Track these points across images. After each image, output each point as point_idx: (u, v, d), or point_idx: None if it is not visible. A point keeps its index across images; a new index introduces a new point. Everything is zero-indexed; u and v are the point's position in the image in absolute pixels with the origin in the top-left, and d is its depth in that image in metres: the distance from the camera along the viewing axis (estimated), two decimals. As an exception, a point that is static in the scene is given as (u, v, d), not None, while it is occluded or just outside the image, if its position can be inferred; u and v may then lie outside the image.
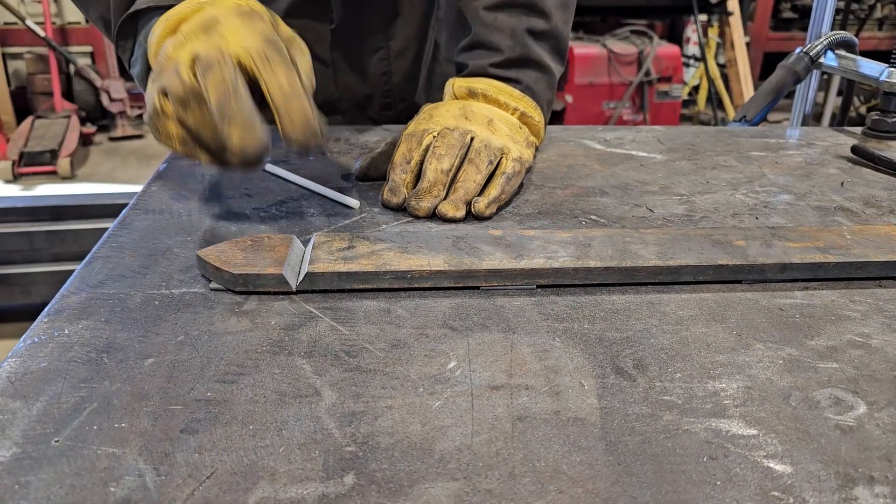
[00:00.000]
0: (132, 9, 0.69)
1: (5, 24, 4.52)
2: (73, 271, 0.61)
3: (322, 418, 0.43)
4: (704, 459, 0.41)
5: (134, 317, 0.53)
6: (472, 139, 0.73)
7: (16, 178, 3.81)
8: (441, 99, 0.86)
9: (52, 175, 3.87)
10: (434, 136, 0.74)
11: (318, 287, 0.57)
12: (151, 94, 0.60)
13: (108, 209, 2.47)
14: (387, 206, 0.73)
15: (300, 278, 0.56)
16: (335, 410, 0.44)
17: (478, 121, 0.76)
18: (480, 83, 0.82)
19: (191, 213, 0.70)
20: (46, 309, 0.54)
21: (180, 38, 0.60)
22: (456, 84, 0.84)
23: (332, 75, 1.02)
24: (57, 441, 0.41)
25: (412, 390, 0.46)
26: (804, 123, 1.28)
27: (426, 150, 0.73)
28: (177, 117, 0.59)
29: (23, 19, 4.27)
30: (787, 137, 1.04)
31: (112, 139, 4.51)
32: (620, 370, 0.48)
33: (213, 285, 0.57)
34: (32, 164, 3.85)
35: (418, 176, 0.73)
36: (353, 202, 0.73)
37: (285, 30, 0.65)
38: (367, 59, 1.02)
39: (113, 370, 0.47)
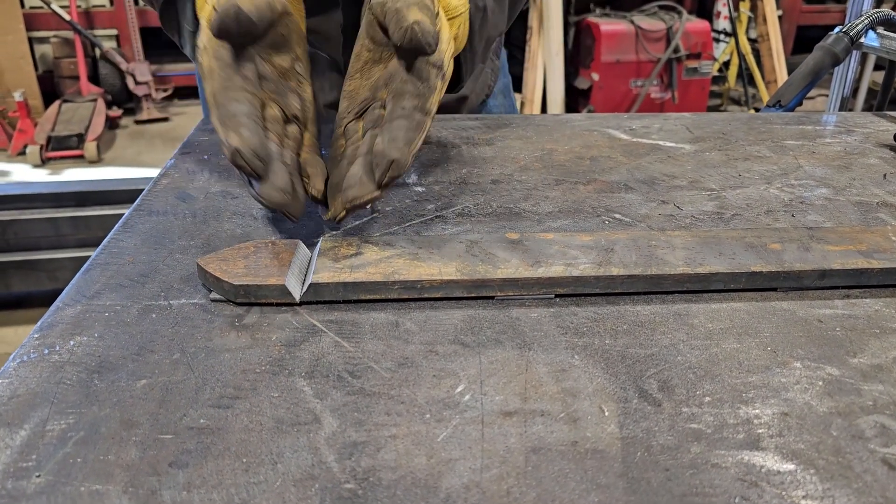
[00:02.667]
0: None
1: (32, 8, 4.54)
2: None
3: (321, 449, 0.40)
4: (736, 500, 0.37)
5: (129, 332, 0.50)
6: None
7: (44, 162, 3.84)
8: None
9: (80, 159, 3.89)
10: None
11: (322, 298, 0.54)
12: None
13: (132, 194, 2.48)
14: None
15: (304, 289, 0.53)
16: (335, 440, 0.41)
17: None
18: None
19: (195, 214, 0.68)
20: (39, 323, 0.51)
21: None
22: None
23: (340, 79, 0.98)
24: (38, 476, 0.38)
25: (418, 417, 0.43)
26: (843, 108, 1.22)
27: None
28: None
29: (48, 3, 4.28)
30: (825, 124, 0.99)
31: (138, 122, 4.53)
32: (644, 393, 0.45)
33: (214, 296, 0.54)
34: (60, 148, 3.88)
35: None
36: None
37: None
38: None
39: (103, 393, 0.44)
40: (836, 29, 1.13)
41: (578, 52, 4.23)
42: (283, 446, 0.40)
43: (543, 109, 4.01)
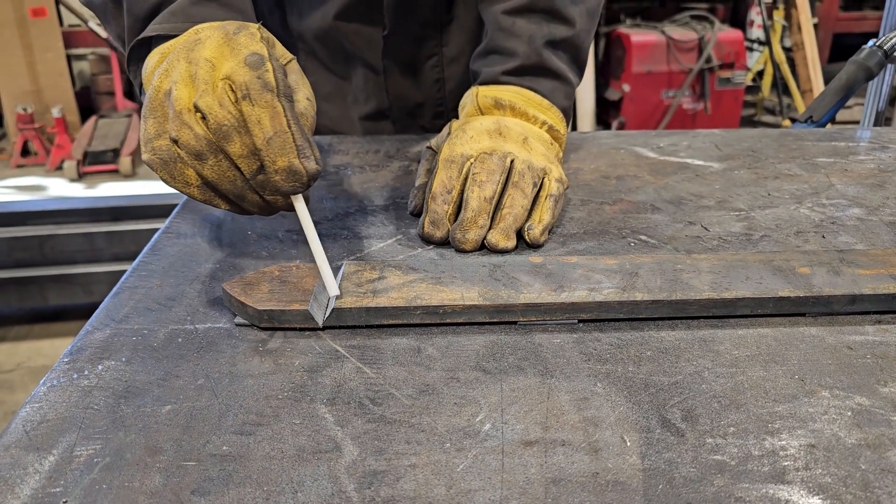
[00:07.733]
0: (143, 34, 0.63)
1: (70, 26, 4.65)
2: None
3: (341, 478, 0.40)
4: (760, 537, 0.36)
5: (156, 356, 0.51)
6: (512, 161, 0.69)
7: (80, 177, 3.92)
8: None
9: (115, 174, 3.97)
10: (472, 162, 0.69)
11: (345, 323, 0.54)
12: (158, 142, 0.56)
13: (165, 210, 2.52)
14: (428, 241, 0.67)
15: (327, 314, 0.54)
16: (355, 469, 0.41)
17: (513, 139, 0.71)
18: (507, 93, 0.77)
19: (222, 238, 0.69)
20: (70, 347, 0.52)
21: (165, 67, 0.57)
22: (481, 94, 0.79)
23: (383, 82, 0.99)
24: (65, 502, 0.39)
25: (438, 446, 0.43)
26: (878, 121, 1.19)
27: (466, 177, 0.68)
28: (193, 168, 0.56)
29: (86, 21, 4.38)
30: (858, 140, 0.97)
31: (172, 137, 4.60)
32: (667, 422, 0.44)
33: (238, 320, 0.55)
34: (96, 162, 3.97)
35: (459, 206, 0.68)
36: (334, 290, 0.56)
37: (281, 51, 0.60)
38: (420, 65, 0.99)
39: (129, 418, 0.45)
40: (870, 42, 1.11)
41: (609, 63, 4.22)
42: (303, 475, 0.40)
43: (574, 121, 4.01)
